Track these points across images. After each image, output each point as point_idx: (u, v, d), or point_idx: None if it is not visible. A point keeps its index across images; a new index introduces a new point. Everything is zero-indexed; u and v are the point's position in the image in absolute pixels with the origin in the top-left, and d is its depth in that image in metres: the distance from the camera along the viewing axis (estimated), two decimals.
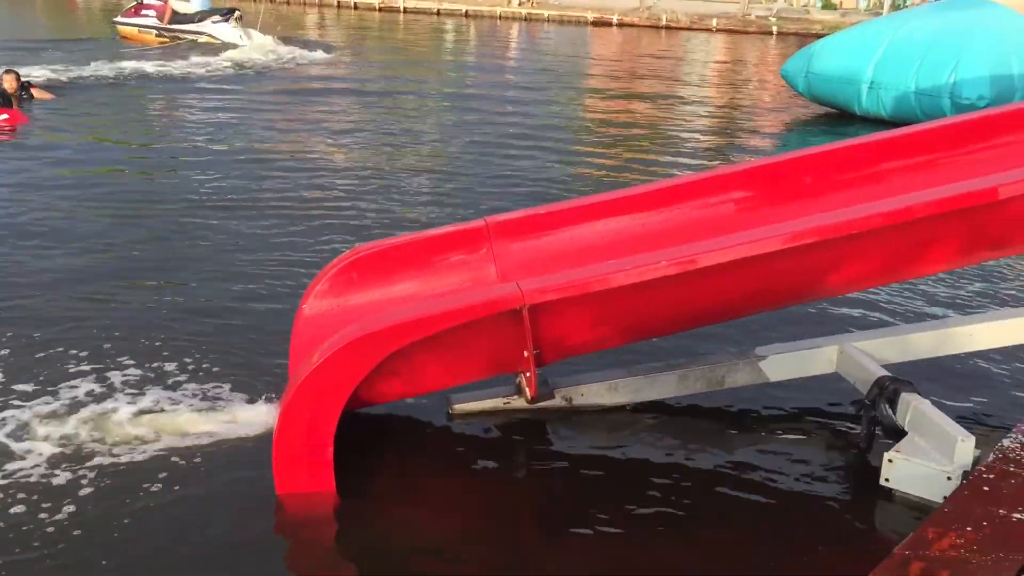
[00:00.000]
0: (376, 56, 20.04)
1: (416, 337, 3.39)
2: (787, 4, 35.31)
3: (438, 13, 33.99)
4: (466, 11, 34.08)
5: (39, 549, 3.17)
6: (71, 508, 3.40)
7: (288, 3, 34.74)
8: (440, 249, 4.22)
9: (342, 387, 3.41)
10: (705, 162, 10.36)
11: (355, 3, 34.93)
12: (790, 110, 14.37)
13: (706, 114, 13.99)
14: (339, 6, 34.82)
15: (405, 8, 34.42)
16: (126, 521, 3.34)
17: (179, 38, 20.81)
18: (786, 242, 3.56)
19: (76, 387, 4.32)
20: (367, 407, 3.93)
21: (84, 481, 3.56)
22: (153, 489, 3.52)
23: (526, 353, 3.59)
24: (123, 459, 3.72)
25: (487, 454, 3.95)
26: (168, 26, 21.18)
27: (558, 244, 4.30)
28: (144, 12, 21.51)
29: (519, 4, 34.89)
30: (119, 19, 22.12)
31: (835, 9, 34.33)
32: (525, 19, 33.48)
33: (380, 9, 34.45)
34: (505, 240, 4.25)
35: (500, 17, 33.75)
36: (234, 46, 19.90)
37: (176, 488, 3.54)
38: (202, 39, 20.68)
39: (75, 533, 3.27)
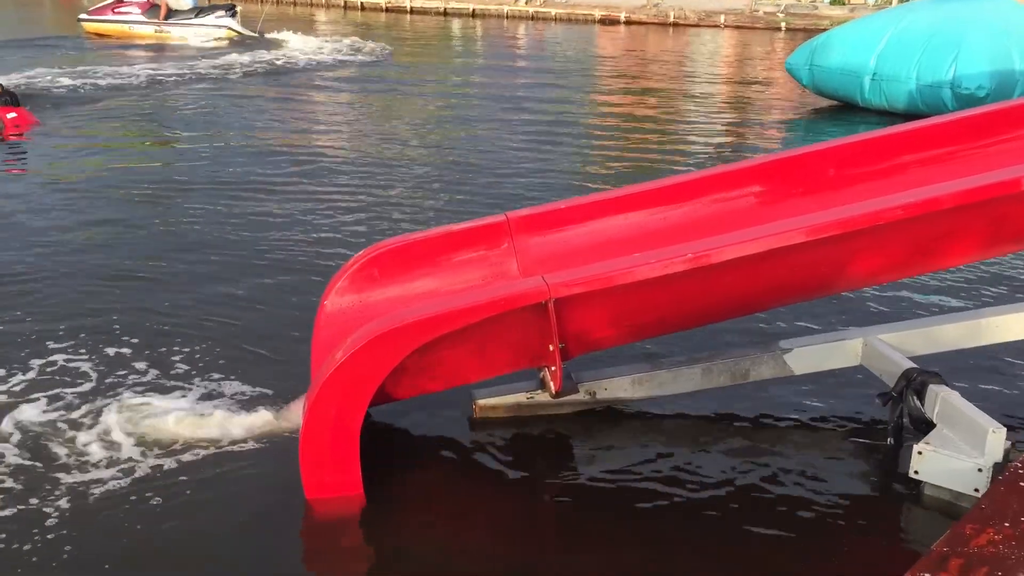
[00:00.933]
0: (389, 55, 20.00)
1: (442, 332, 3.38)
2: (795, 0, 35.17)
3: (445, 13, 33.95)
4: (473, 10, 34.03)
5: (38, 563, 3.09)
6: (75, 509, 3.36)
7: (295, 4, 34.77)
8: (462, 244, 4.22)
9: (367, 383, 3.40)
10: (715, 155, 10.35)
11: (362, 3, 34.93)
12: (796, 103, 14.34)
13: (715, 108, 13.96)
14: (346, 7, 34.80)
15: (412, 8, 34.42)
16: (139, 526, 3.30)
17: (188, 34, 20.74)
18: (809, 234, 3.53)
19: (87, 379, 4.34)
20: (391, 402, 3.93)
21: (89, 481, 3.53)
22: (161, 492, 3.49)
23: (551, 347, 3.58)
24: (130, 459, 3.70)
25: (510, 450, 3.94)
26: (168, 22, 20.89)
27: (579, 238, 4.29)
28: (121, 9, 20.78)
29: (526, 3, 34.83)
30: (87, 16, 21.14)
31: (844, 4, 34.16)
32: (532, 18, 33.39)
33: (387, 9, 34.43)
34: (526, 235, 4.23)
35: (507, 16, 33.68)
36: (255, 39, 19.93)
37: (187, 491, 3.51)
38: (219, 33, 20.61)
39: (71, 545, 3.18)
